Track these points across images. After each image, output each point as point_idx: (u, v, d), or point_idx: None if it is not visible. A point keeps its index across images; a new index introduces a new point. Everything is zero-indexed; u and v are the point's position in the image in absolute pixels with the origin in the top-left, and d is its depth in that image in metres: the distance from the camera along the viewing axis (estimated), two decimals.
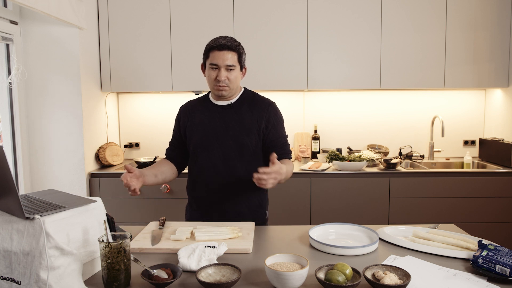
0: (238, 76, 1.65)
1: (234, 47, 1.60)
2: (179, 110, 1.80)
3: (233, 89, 1.65)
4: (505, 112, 3.01)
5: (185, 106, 1.79)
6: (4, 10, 2.44)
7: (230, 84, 1.62)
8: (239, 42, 1.66)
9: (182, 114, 1.77)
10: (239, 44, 1.65)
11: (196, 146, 1.68)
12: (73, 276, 1.02)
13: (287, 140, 1.73)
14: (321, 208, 2.74)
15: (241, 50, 1.65)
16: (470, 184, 2.71)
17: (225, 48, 1.59)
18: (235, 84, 1.64)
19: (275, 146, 1.67)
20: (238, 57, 1.62)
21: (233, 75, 1.61)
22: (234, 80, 1.63)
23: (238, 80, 1.66)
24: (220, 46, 1.58)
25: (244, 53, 1.67)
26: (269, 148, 1.67)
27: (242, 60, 1.65)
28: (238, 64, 1.63)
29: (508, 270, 1.07)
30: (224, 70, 1.60)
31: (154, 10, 2.92)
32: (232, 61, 1.60)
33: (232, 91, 1.66)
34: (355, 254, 1.27)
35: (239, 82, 1.67)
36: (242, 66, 1.66)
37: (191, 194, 1.76)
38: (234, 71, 1.62)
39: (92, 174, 2.77)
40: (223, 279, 1.05)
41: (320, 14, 2.90)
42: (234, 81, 1.63)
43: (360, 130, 3.30)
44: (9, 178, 0.98)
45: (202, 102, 1.75)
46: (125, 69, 2.96)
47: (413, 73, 2.94)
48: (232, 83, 1.62)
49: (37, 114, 2.67)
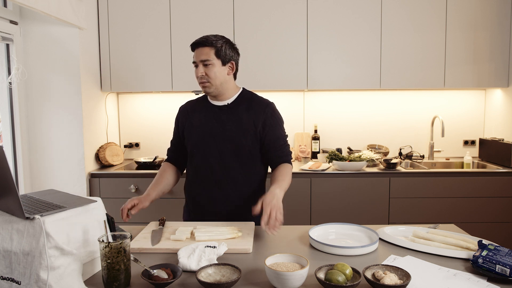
0: (220, 72, 1.59)
1: (209, 43, 1.57)
2: (178, 111, 1.81)
3: (216, 86, 1.61)
4: (505, 112, 3.01)
5: (184, 107, 1.80)
6: (4, 10, 2.44)
7: (211, 80, 1.59)
8: (223, 37, 1.62)
9: (181, 115, 1.78)
10: (220, 40, 1.59)
11: (193, 146, 1.68)
12: (73, 276, 1.02)
13: (286, 141, 1.71)
14: (321, 208, 2.74)
15: (220, 44, 1.58)
16: (470, 184, 2.71)
17: (199, 45, 1.59)
18: (216, 80, 1.59)
19: (273, 148, 1.65)
20: (216, 52, 1.57)
21: (211, 71, 1.58)
22: (214, 76, 1.58)
23: (221, 76, 1.60)
24: (194, 44, 1.60)
25: (229, 47, 1.61)
26: (267, 150, 1.66)
27: (223, 55, 1.59)
28: (216, 59, 1.57)
29: (508, 270, 1.07)
30: (202, 66, 1.59)
31: (154, 10, 2.92)
32: (207, 56, 1.57)
33: (217, 88, 1.62)
34: (355, 254, 1.27)
35: (223, 79, 1.61)
36: (224, 61, 1.60)
37: (188, 194, 1.76)
38: (212, 66, 1.57)
39: (92, 174, 2.77)
40: (223, 279, 1.05)
41: (320, 14, 2.90)
42: (214, 77, 1.58)
43: (360, 130, 3.30)
44: (9, 178, 0.98)
45: (200, 102, 1.75)
46: (125, 69, 2.96)
47: (413, 73, 2.94)
48: (212, 79, 1.59)
49: (37, 114, 2.67)
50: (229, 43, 1.63)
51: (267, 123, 1.65)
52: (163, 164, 1.80)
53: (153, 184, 1.69)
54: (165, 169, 1.76)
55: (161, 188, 1.68)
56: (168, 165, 1.79)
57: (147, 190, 1.65)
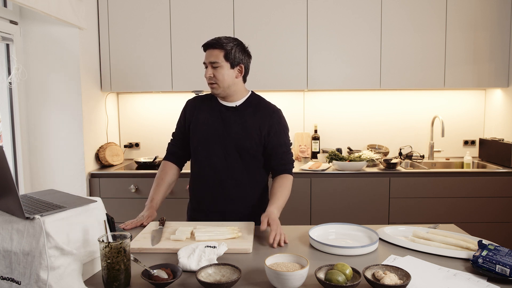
0: (228, 74, 1.60)
1: (219, 45, 1.58)
2: (186, 103, 1.79)
3: (223, 88, 1.61)
4: (505, 112, 3.01)
5: (193, 101, 1.78)
6: (4, 10, 2.44)
7: (219, 82, 1.60)
8: (235, 40, 1.62)
9: (189, 108, 1.76)
10: (230, 42, 1.59)
11: (198, 144, 1.69)
12: (73, 276, 1.02)
13: (289, 149, 1.71)
14: (321, 208, 2.74)
15: (230, 47, 1.58)
16: (470, 184, 2.71)
17: (209, 46, 1.60)
18: (224, 83, 1.60)
19: (275, 154, 1.66)
20: (225, 54, 1.57)
21: (219, 73, 1.58)
22: (222, 78, 1.59)
23: (229, 79, 1.60)
24: (205, 45, 1.62)
25: (239, 51, 1.61)
26: (269, 156, 1.67)
27: (232, 58, 1.59)
28: (225, 62, 1.58)
29: (508, 270, 1.07)
30: (211, 68, 1.59)
31: (154, 10, 2.92)
32: (216, 58, 1.57)
33: (224, 90, 1.62)
34: (355, 254, 1.27)
35: (231, 81, 1.61)
36: (233, 64, 1.60)
37: (192, 192, 1.77)
38: (220, 68, 1.58)
39: (92, 174, 2.77)
40: (223, 279, 1.05)
41: (320, 14, 2.90)
42: (221, 79, 1.59)
43: (360, 130, 3.30)
44: (9, 178, 0.98)
45: (209, 100, 1.73)
46: (125, 69, 2.96)
47: (413, 73, 2.94)
48: (220, 81, 1.59)
49: (37, 114, 2.67)
50: (240, 46, 1.62)
51: (272, 129, 1.65)
52: (162, 164, 1.79)
53: (155, 189, 1.71)
54: (165, 171, 1.75)
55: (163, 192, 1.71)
56: (167, 164, 1.78)
57: (150, 196, 1.69)
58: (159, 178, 1.74)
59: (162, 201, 1.71)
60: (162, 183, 1.72)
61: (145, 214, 1.62)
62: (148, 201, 1.68)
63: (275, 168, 1.68)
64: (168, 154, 1.80)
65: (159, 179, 1.73)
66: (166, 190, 1.73)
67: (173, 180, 1.77)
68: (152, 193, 1.70)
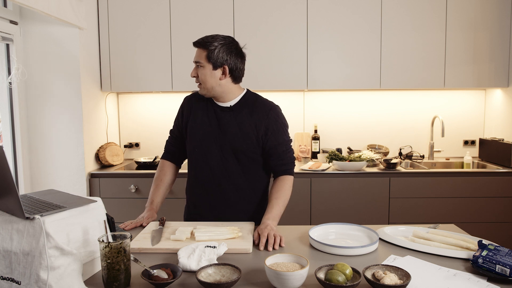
0: (210, 75, 1.54)
1: (203, 44, 1.53)
2: (184, 100, 1.75)
3: (207, 89, 1.57)
4: (505, 112, 3.01)
5: (190, 98, 1.73)
6: (4, 10, 2.44)
7: (201, 82, 1.56)
8: (223, 39, 1.54)
9: (186, 105, 1.72)
10: (216, 41, 1.52)
11: (194, 146, 1.65)
12: (73, 276, 1.02)
13: (289, 146, 1.65)
14: (321, 208, 2.74)
15: (214, 47, 1.51)
16: (470, 184, 2.71)
17: (196, 44, 1.57)
18: (206, 84, 1.55)
19: (274, 154, 1.61)
20: (207, 55, 1.51)
21: (201, 73, 1.54)
22: (204, 79, 1.54)
23: (211, 80, 1.54)
24: (193, 43, 1.58)
25: (224, 51, 1.53)
26: (269, 156, 1.62)
27: (214, 58, 1.51)
28: (207, 62, 1.52)
29: (508, 270, 1.07)
30: (195, 67, 1.57)
31: (154, 10, 2.92)
32: (199, 58, 1.54)
33: (209, 91, 1.57)
34: (355, 254, 1.27)
35: (215, 82, 1.55)
36: (215, 65, 1.53)
37: (189, 196, 1.75)
38: (202, 69, 1.54)
39: (92, 174, 2.77)
40: (223, 279, 1.05)
41: (320, 14, 2.90)
42: (203, 80, 1.54)
43: (360, 130, 3.30)
44: (9, 178, 0.98)
45: (205, 99, 1.67)
46: (125, 69, 2.96)
47: (413, 73, 2.94)
48: (202, 81, 1.55)
49: (37, 114, 2.67)
50: (226, 46, 1.54)
51: (270, 128, 1.59)
52: (160, 163, 1.77)
53: (154, 190, 1.70)
54: (164, 172, 1.74)
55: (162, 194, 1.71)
56: (165, 164, 1.76)
57: (149, 198, 1.69)
58: (157, 179, 1.73)
59: (162, 202, 1.71)
60: (161, 184, 1.71)
61: (145, 216, 1.61)
62: (148, 203, 1.67)
63: (275, 169, 1.64)
64: (166, 152, 1.78)
65: (158, 180, 1.72)
66: (165, 191, 1.72)
67: (172, 180, 1.76)
68: (151, 195, 1.69)
